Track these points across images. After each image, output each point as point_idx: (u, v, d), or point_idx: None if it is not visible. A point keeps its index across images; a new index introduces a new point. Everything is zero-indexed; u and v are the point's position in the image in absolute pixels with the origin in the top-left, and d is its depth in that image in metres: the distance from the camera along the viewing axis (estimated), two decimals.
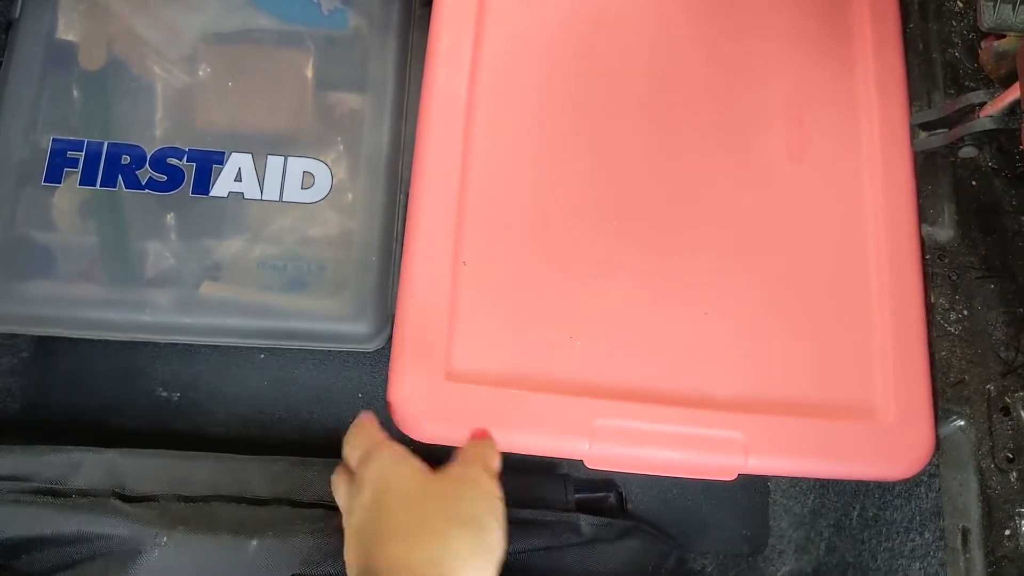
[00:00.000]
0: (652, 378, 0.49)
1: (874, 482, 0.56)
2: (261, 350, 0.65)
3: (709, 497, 0.65)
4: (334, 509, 0.54)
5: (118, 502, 0.50)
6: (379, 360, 0.66)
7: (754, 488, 0.66)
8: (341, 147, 0.61)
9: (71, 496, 0.51)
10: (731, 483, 0.65)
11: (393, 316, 0.60)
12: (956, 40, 0.56)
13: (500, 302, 0.49)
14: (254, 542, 0.48)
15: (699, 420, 0.48)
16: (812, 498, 0.64)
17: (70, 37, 0.62)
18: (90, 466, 0.52)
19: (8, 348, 0.63)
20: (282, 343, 0.60)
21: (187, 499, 0.51)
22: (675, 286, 0.51)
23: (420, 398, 0.47)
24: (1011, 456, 0.49)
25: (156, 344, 0.64)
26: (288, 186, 0.59)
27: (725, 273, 0.51)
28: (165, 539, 0.47)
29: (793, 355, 0.50)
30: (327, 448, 0.63)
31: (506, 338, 0.49)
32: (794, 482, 0.65)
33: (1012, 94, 0.48)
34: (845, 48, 0.56)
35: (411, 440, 0.48)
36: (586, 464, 0.48)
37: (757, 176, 0.53)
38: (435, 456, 0.61)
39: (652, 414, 0.48)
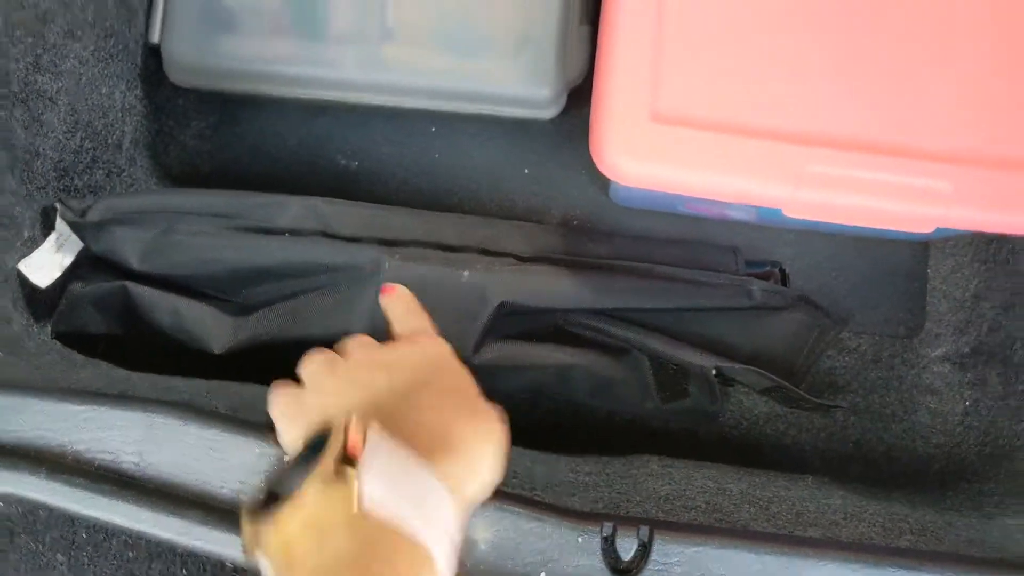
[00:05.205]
0: (861, 128, 0.48)
1: None
2: (433, 122, 0.66)
3: (867, 280, 0.66)
4: (525, 259, 0.57)
5: (327, 239, 0.54)
6: (545, 135, 0.66)
7: (913, 274, 0.66)
8: None
9: (283, 235, 0.54)
10: (889, 267, 0.66)
11: (569, 84, 0.61)
12: None
13: (707, 46, 0.49)
14: (465, 272, 0.51)
15: (907, 169, 0.47)
16: (976, 282, 0.64)
17: None
18: (296, 208, 0.55)
19: (196, 112, 0.66)
20: (462, 106, 0.61)
21: (387, 242, 0.54)
22: (892, 34, 0.49)
23: (625, 139, 0.48)
24: None
25: (335, 115, 0.66)
26: None
27: (946, 23, 0.49)
28: (387, 264, 0.51)
29: (1009, 108, 0.49)
30: (496, 213, 0.66)
31: (713, 83, 0.49)
32: (956, 268, 0.65)
33: None
34: None
35: None
36: (784, 212, 0.49)
37: None
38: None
39: (861, 162, 0.48)
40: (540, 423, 0.62)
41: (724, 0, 0.49)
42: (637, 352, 0.58)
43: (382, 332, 0.52)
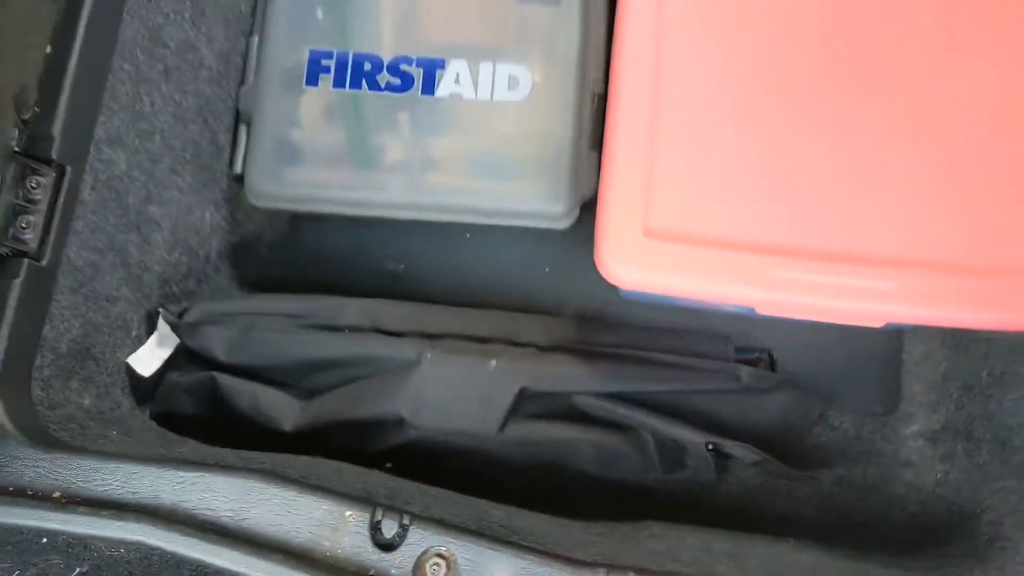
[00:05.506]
0: (819, 239, 0.58)
1: (1003, 344, 0.65)
2: (468, 230, 0.78)
3: (848, 364, 0.74)
4: (544, 349, 0.67)
5: (378, 334, 0.65)
6: (562, 242, 0.77)
7: (889, 358, 0.74)
8: (539, 53, 0.71)
9: (343, 331, 0.65)
10: (868, 352, 0.75)
11: (582, 199, 0.72)
12: None
13: (690, 176, 0.60)
14: (492, 361, 0.62)
15: (857, 273, 0.57)
16: (944, 366, 0.72)
17: None
18: (352, 309, 0.66)
19: (270, 228, 0.78)
20: (490, 220, 0.72)
21: (428, 336, 0.65)
22: (842, 164, 0.59)
23: (621, 251, 0.58)
24: None
25: (383, 227, 0.77)
26: (497, 88, 0.71)
27: (890, 152, 0.59)
28: (429, 355, 0.61)
29: (943, 219, 0.58)
30: (521, 307, 0.76)
31: (695, 205, 0.59)
32: (927, 353, 0.73)
33: None
34: None
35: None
36: (757, 311, 0.59)
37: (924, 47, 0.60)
38: None
39: (819, 268, 0.57)
40: (557, 492, 0.71)
41: (705, 140, 0.60)
42: (641, 429, 0.67)
43: (426, 412, 0.62)
